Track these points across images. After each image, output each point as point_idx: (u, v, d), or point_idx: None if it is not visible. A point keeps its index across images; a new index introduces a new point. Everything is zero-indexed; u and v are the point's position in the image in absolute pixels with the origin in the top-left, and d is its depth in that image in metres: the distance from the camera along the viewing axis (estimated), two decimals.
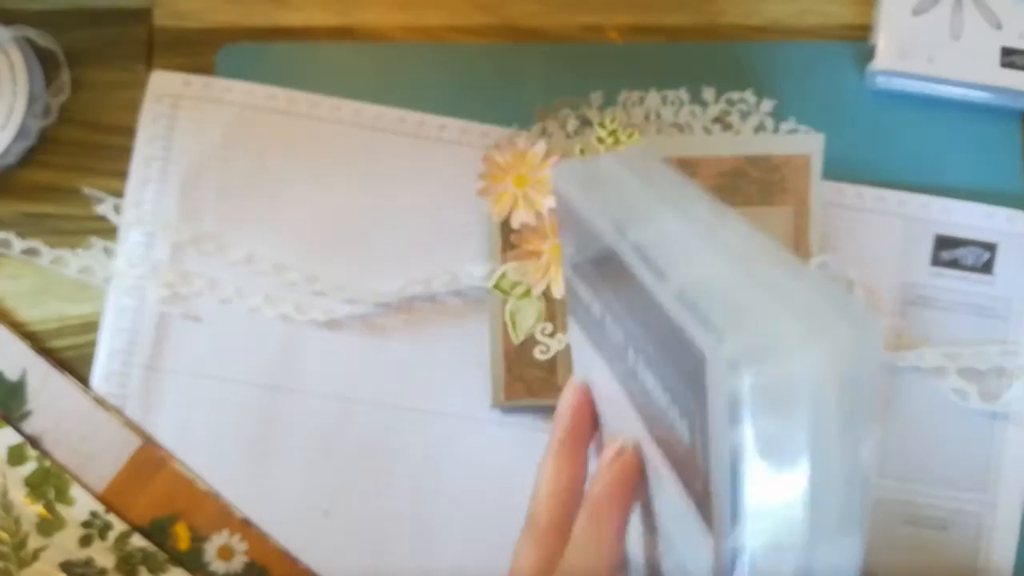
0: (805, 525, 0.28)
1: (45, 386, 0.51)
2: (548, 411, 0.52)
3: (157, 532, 0.50)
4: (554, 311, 0.50)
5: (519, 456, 0.52)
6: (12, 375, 0.51)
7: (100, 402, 0.51)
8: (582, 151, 0.50)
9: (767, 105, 0.53)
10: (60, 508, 0.49)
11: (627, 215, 0.31)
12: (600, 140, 0.50)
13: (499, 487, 0.51)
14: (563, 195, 0.34)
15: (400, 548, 0.51)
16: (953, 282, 0.52)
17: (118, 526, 0.50)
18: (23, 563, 0.49)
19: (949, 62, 0.52)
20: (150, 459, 0.50)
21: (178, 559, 0.50)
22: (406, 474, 0.51)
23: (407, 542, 0.51)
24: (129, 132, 0.52)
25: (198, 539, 0.50)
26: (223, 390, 0.51)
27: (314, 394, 0.52)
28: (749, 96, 0.53)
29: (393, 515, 0.51)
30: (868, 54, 0.53)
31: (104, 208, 0.52)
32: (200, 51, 0.53)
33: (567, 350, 0.50)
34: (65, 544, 0.49)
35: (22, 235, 0.52)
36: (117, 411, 0.51)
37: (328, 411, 0.52)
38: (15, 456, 0.50)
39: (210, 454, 0.51)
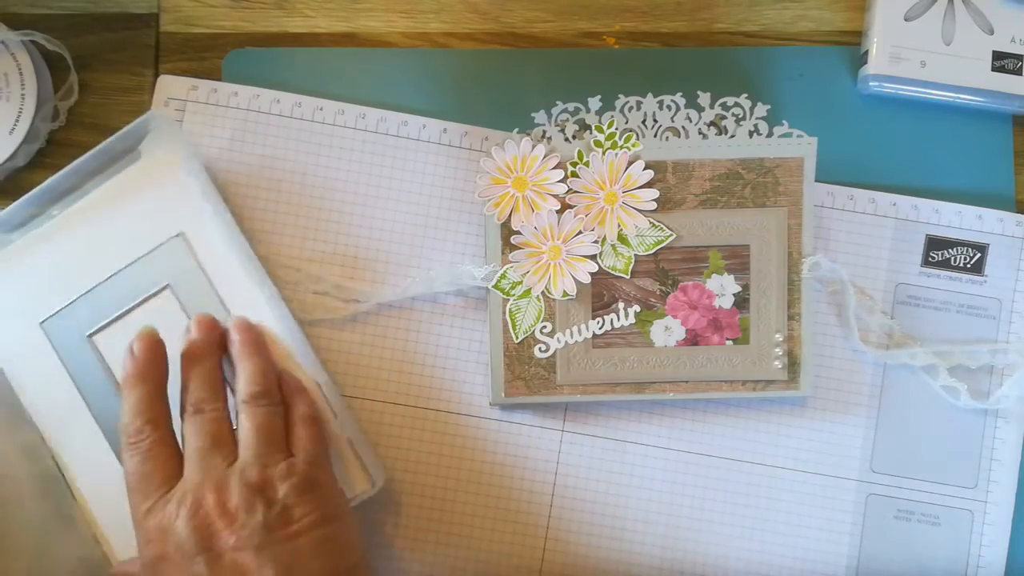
0: None
1: None
2: (548, 408, 0.52)
3: None
4: (553, 310, 0.51)
5: (519, 452, 0.53)
6: None
7: None
8: (580, 154, 0.50)
9: (761, 109, 0.53)
10: None
11: None
12: (598, 144, 0.50)
13: (499, 482, 0.52)
14: None
15: (400, 542, 0.52)
16: (944, 282, 0.53)
17: None
18: None
19: (941, 66, 0.53)
20: None
21: None
22: (407, 470, 0.52)
23: (408, 536, 0.52)
24: None
25: None
26: None
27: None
28: (743, 101, 0.53)
29: (394, 509, 0.52)
30: (861, 59, 0.54)
31: None
32: (207, 56, 0.54)
33: (566, 349, 0.51)
34: None
35: None
36: None
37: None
38: None
39: None
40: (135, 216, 0.51)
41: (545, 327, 0.51)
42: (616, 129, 0.50)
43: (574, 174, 0.50)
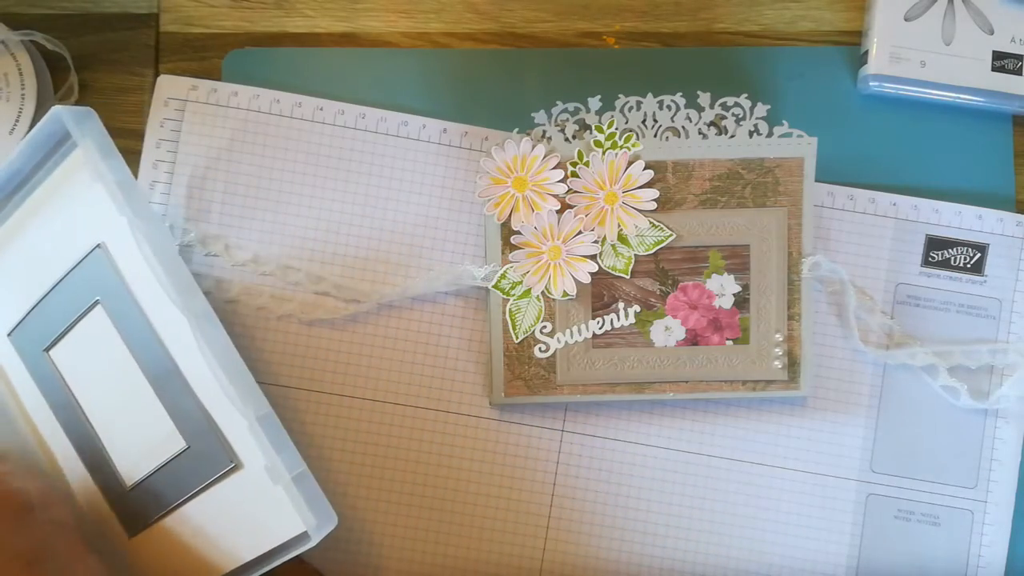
0: None
1: None
2: (547, 408, 0.52)
3: None
4: (553, 311, 0.51)
5: (519, 452, 0.53)
6: None
7: None
8: (580, 154, 0.50)
9: (761, 109, 0.53)
10: None
11: None
12: (598, 144, 0.50)
13: (499, 482, 0.52)
14: None
15: (400, 542, 0.52)
16: (944, 282, 0.53)
17: None
18: None
19: (941, 66, 0.53)
20: None
21: None
22: (408, 470, 0.52)
23: (408, 536, 0.52)
24: (137, 135, 0.53)
25: None
26: None
27: (318, 392, 0.53)
28: (743, 101, 0.53)
29: (394, 510, 0.52)
30: (861, 59, 0.54)
31: None
32: (207, 56, 0.54)
33: (566, 349, 0.51)
34: None
35: None
36: None
37: (332, 408, 0.52)
38: None
39: None
40: (61, 225, 0.47)
41: (545, 327, 0.51)
42: (616, 129, 0.50)
43: (574, 174, 0.50)
